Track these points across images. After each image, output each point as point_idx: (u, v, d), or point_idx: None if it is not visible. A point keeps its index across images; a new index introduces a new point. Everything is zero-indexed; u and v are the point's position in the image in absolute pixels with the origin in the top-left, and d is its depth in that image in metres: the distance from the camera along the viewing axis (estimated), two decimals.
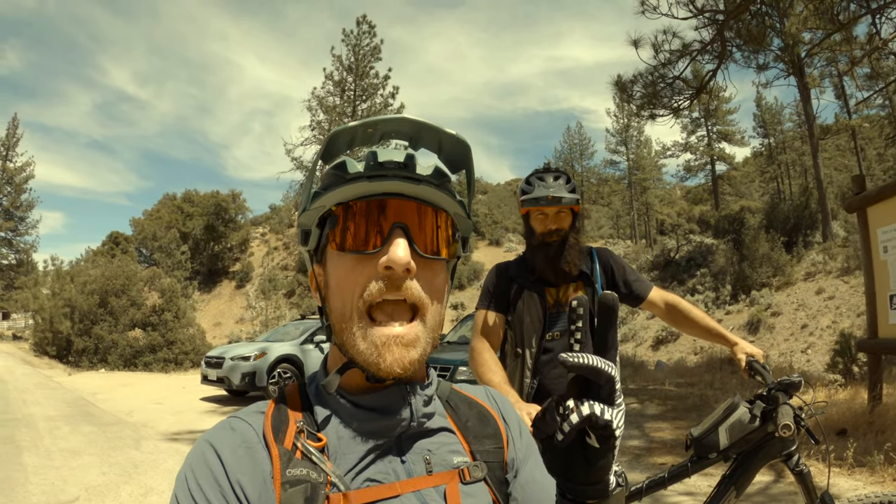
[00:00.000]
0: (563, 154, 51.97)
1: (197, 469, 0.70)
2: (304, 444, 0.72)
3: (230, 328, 29.61)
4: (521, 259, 2.48)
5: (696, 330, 2.41)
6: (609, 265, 2.47)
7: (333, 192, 0.77)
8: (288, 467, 0.69)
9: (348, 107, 30.10)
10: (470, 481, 0.77)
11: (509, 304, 2.39)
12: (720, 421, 2.01)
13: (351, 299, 0.75)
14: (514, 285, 2.40)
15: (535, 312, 2.34)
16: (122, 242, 37.51)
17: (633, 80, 12.81)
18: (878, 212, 5.82)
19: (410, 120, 0.78)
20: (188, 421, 9.02)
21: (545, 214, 2.33)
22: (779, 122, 41.58)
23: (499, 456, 0.84)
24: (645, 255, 28.54)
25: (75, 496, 5.04)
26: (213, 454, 0.70)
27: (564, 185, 2.30)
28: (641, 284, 2.49)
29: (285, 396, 0.80)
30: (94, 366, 18.32)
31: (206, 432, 0.74)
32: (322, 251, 0.81)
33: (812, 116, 22.55)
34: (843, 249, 18.86)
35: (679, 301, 2.46)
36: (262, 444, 0.72)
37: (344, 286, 0.76)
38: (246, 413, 0.77)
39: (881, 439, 5.14)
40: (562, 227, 2.32)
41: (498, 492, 0.81)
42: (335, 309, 0.78)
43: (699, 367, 13.02)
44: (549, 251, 2.32)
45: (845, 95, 29.48)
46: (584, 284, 2.41)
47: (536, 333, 2.33)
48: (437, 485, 0.75)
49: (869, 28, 9.00)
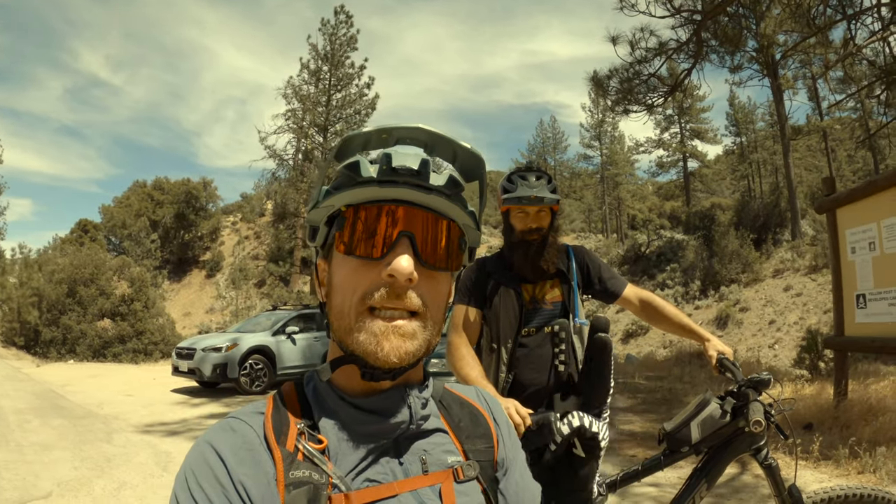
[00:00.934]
0: (536, 148, 52.21)
1: (198, 469, 0.70)
2: (305, 446, 0.73)
3: (200, 318, 29.26)
4: (499, 255, 2.51)
5: (670, 326, 2.48)
6: (585, 263, 2.52)
7: (344, 193, 0.77)
8: (291, 469, 0.70)
9: (323, 96, 29.83)
10: (463, 480, 0.80)
11: (486, 300, 2.42)
12: (692, 416, 2.05)
13: (351, 299, 0.76)
14: (491, 281, 2.42)
15: (511, 308, 2.37)
16: (91, 230, 36.64)
17: (608, 75, 12.90)
18: (847, 214, 5.97)
19: (426, 130, 0.79)
20: (159, 413, 8.92)
21: (526, 213, 2.35)
22: (751, 122, 42.21)
23: (489, 455, 0.87)
24: (616, 250, 28.83)
25: (48, 491, 4.95)
26: (213, 455, 0.70)
27: (546, 185, 2.34)
28: (616, 282, 2.54)
29: (283, 397, 0.80)
30: (63, 357, 17.95)
31: (205, 433, 0.75)
32: (329, 248, 0.82)
33: (784, 117, 22.98)
34: (811, 248, 19.28)
35: (653, 298, 2.53)
36: (263, 446, 0.72)
37: (346, 287, 0.77)
38: (245, 414, 0.77)
39: (846, 434, 5.28)
40: (542, 226, 2.36)
41: (489, 489, 0.83)
42: (335, 306, 0.78)
43: (668, 361, 13.20)
44: (529, 249, 2.36)
45: (818, 97, 30.06)
46: (560, 282, 2.44)
47: (512, 329, 2.36)
48: (433, 484, 0.77)
49: (844, 33, 9.18)
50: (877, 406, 5.72)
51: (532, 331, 2.38)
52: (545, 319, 2.39)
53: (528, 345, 2.37)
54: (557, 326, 1.87)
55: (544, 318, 2.40)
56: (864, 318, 5.68)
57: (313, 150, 29.62)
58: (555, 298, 2.42)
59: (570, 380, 2.31)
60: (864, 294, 5.66)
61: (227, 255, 37.36)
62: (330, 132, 29.64)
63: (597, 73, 13.10)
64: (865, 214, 5.65)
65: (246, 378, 11.22)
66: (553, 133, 52.26)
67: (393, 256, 0.74)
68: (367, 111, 29.89)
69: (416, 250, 0.76)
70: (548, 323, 2.39)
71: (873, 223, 5.52)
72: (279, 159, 29.15)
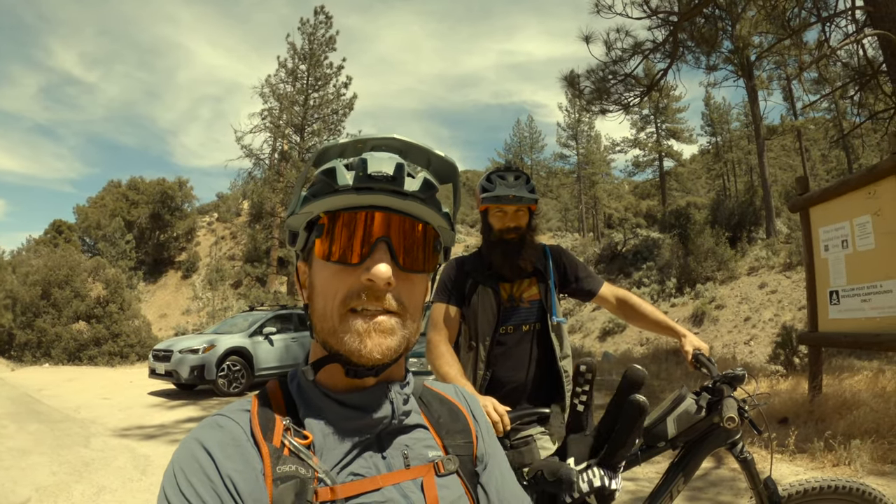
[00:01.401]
0: (512, 147, 52.43)
1: (186, 466, 0.71)
2: (291, 442, 0.75)
3: (176, 320, 28.89)
4: (478, 254, 2.53)
5: (646, 323, 2.51)
6: (562, 262, 2.56)
7: (321, 200, 0.79)
8: (278, 464, 0.71)
9: (300, 95, 29.63)
10: (444, 474, 0.83)
11: (465, 298, 2.45)
12: (668, 412, 2.07)
13: (333, 303, 0.79)
14: (470, 280, 2.45)
15: (489, 307, 2.40)
16: (66, 231, 35.99)
17: (584, 75, 12.98)
18: (819, 212, 6.09)
19: (400, 140, 0.82)
20: (137, 416, 8.81)
21: (504, 212, 2.38)
22: (726, 122, 42.79)
23: (469, 450, 0.90)
24: (592, 248, 28.94)
25: (26, 497, 4.88)
26: (202, 451, 0.72)
27: (524, 184, 2.37)
28: (593, 280, 2.58)
29: (268, 394, 0.83)
30: (38, 360, 17.66)
31: (193, 431, 0.76)
32: (308, 252, 0.84)
33: (759, 117, 23.30)
34: (785, 246, 19.56)
35: (629, 296, 2.57)
36: (250, 442, 0.74)
37: (327, 291, 0.80)
38: (231, 411, 0.79)
39: (821, 427, 5.37)
40: (520, 225, 2.39)
41: (469, 483, 0.87)
42: (318, 309, 0.81)
43: (645, 359, 13.31)
44: (507, 248, 2.38)
45: (792, 97, 30.55)
46: (537, 280, 2.48)
47: (490, 327, 2.39)
48: (415, 477, 0.80)
49: (819, 35, 9.34)
50: (851, 400, 5.83)
51: (510, 329, 2.42)
52: (522, 318, 2.43)
53: (506, 343, 2.41)
54: (584, 367, 1.87)
55: (521, 317, 2.43)
56: (837, 314, 5.80)
57: (290, 149, 29.38)
58: (532, 297, 2.45)
59: (581, 417, 2.29)
60: (838, 290, 5.78)
61: (203, 255, 36.92)
62: (307, 131, 29.42)
63: (571, 72, 13.15)
64: (838, 213, 5.77)
65: (223, 380, 11.14)
66: (530, 132, 52.54)
67: (371, 262, 0.77)
68: (344, 111, 29.70)
69: (393, 254, 0.79)
70: (525, 321, 2.42)
71: (846, 221, 5.64)
72: (255, 159, 28.88)
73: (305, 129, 29.50)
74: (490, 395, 2.32)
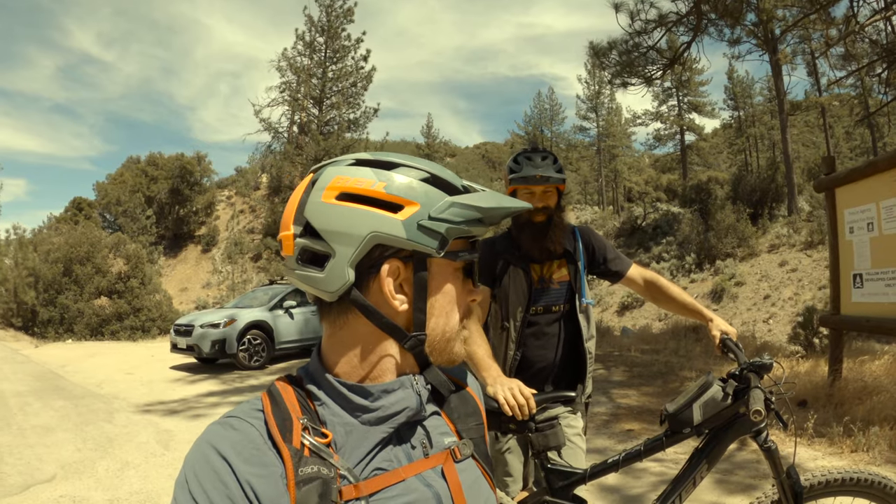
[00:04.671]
0: (532, 119, 51.91)
1: (200, 471, 0.70)
2: (311, 441, 0.73)
3: (197, 293, 29.24)
4: (507, 234, 2.54)
5: (673, 306, 2.52)
6: (590, 244, 2.57)
7: (480, 228, 0.84)
8: (300, 466, 0.70)
9: (318, 68, 29.49)
10: (461, 459, 0.84)
11: (495, 279, 2.46)
12: (694, 398, 2.07)
13: (455, 321, 0.85)
14: (500, 260, 2.46)
15: (520, 288, 2.42)
16: (86, 208, 36.36)
17: (608, 47, 12.77)
18: (845, 193, 5.96)
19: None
20: (159, 391, 8.97)
21: (532, 193, 2.38)
22: (749, 96, 42.00)
23: (480, 431, 0.91)
24: (612, 222, 28.79)
25: (52, 474, 5.00)
26: (216, 455, 0.71)
27: (552, 164, 2.36)
28: (621, 262, 2.59)
29: (280, 393, 0.80)
30: (61, 336, 17.99)
31: (204, 433, 0.75)
32: (424, 260, 0.81)
33: (782, 92, 22.82)
34: (807, 224, 19.30)
35: (657, 278, 2.57)
36: (268, 444, 0.73)
37: (450, 310, 0.85)
38: (243, 412, 0.77)
39: (840, 412, 5.34)
40: (548, 206, 2.39)
41: (484, 464, 0.88)
42: (438, 326, 0.83)
43: (664, 334, 13.24)
44: (536, 229, 2.39)
45: (817, 73, 29.85)
46: (567, 262, 2.49)
47: (522, 308, 2.41)
48: (435, 465, 0.81)
49: (846, 10, 9.07)
50: (871, 385, 5.77)
51: (540, 310, 2.45)
52: (552, 299, 2.45)
53: (537, 323, 2.45)
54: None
55: (552, 298, 2.45)
56: (860, 297, 5.70)
57: (308, 122, 29.35)
58: (562, 278, 2.47)
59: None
60: (861, 274, 5.68)
61: (223, 229, 37.19)
62: (325, 104, 29.36)
63: (597, 44, 12.98)
64: (865, 195, 5.64)
65: (244, 353, 11.27)
66: (550, 105, 51.93)
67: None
68: (363, 84, 29.56)
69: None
70: (555, 302, 2.45)
71: (872, 203, 5.51)
72: (274, 132, 28.90)
73: (324, 101, 29.43)
74: (519, 374, 2.39)
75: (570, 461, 2.29)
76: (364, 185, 0.78)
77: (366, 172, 0.79)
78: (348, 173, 0.80)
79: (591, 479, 2.15)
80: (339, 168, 0.81)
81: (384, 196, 0.77)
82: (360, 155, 0.83)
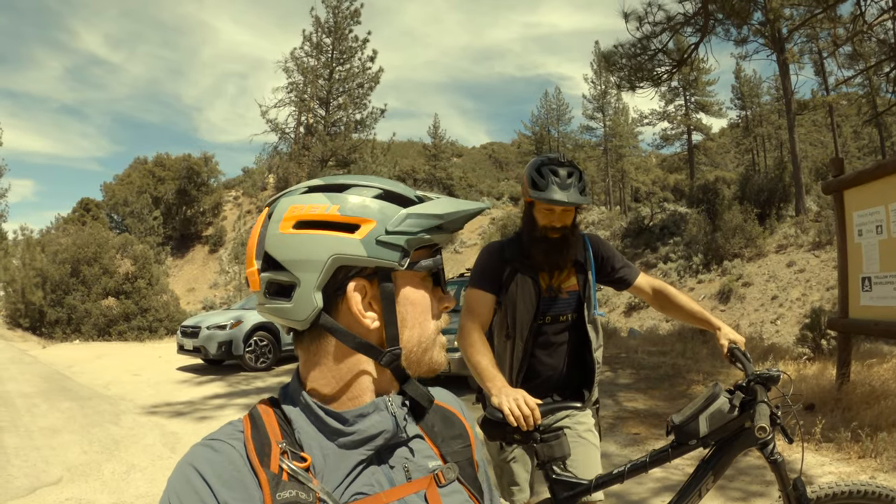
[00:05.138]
0: (539, 119, 51.85)
1: (182, 493, 0.70)
2: (290, 465, 0.73)
3: (204, 294, 29.37)
4: (516, 241, 2.48)
5: (682, 314, 2.51)
6: (600, 253, 2.53)
7: (443, 235, 0.83)
8: (277, 490, 0.70)
9: (325, 69, 29.51)
10: (445, 483, 0.82)
11: (501, 286, 2.42)
12: (701, 409, 2.05)
13: (430, 330, 0.84)
14: (508, 267, 2.41)
15: (528, 297, 2.38)
16: (93, 209, 36.56)
17: (616, 52, 12.74)
18: (854, 195, 5.91)
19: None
20: (165, 393, 8.99)
21: (552, 211, 2.31)
22: (757, 96, 41.81)
23: (467, 454, 0.90)
24: (619, 222, 28.66)
25: (58, 477, 5.02)
26: (197, 477, 0.70)
27: (577, 183, 2.27)
28: (629, 270, 2.57)
29: (260, 416, 0.80)
30: (68, 337, 18.07)
31: (186, 455, 0.75)
32: (388, 274, 0.81)
33: (790, 91, 22.68)
34: (814, 224, 19.18)
35: (665, 286, 2.55)
36: (248, 468, 0.72)
37: (423, 319, 0.84)
38: (225, 434, 0.77)
39: (848, 416, 5.29)
40: (565, 224, 2.33)
41: (472, 488, 0.86)
42: (412, 338, 0.83)
43: (671, 336, 13.17)
44: (550, 245, 2.34)
45: (824, 72, 29.66)
46: (576, 271, 2.45)
47: (530, 317, 2.38)
48: (418, 490, 0.79)
49: (853, 9, 8.99)
50: (879, 389, 5.72)
51: (548, 319, 2.41)
52: (561, 309, 2.42)
53: (545, 333, 2.41)
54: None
55: (560, 308, 2.42)
56: (868, 301, 5.66)
57: (315, 123, 29.38)
58: (571, 288, 2.44)
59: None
60: (870, 277, 5.63)
61: (230, 229, 37.35)
62: (332, 105, 29.37)
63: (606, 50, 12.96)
64: (873, 197, 5.59)
65: (251, 355, 11.30)
66: (557, 104, 51.84)
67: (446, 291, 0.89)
68: (370, 84, 29.54)
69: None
70: (563, 312, 2.42)
71: (881, 206, 5.47)
72: (281, 133, 28.93)
73: (330, 102, 29.42)
74: (526, 383, 2.35)
75: (583, 459, 2.29)
76: (318, 210, 0.78)
77: (319, 198, 0.79)
78: (302, 201, 0.80)
79: (595, 490, 2.13)
80: (292, 198, 0.81)
81: (339, 218, 0.77)
82: (311, 182, 0.84)
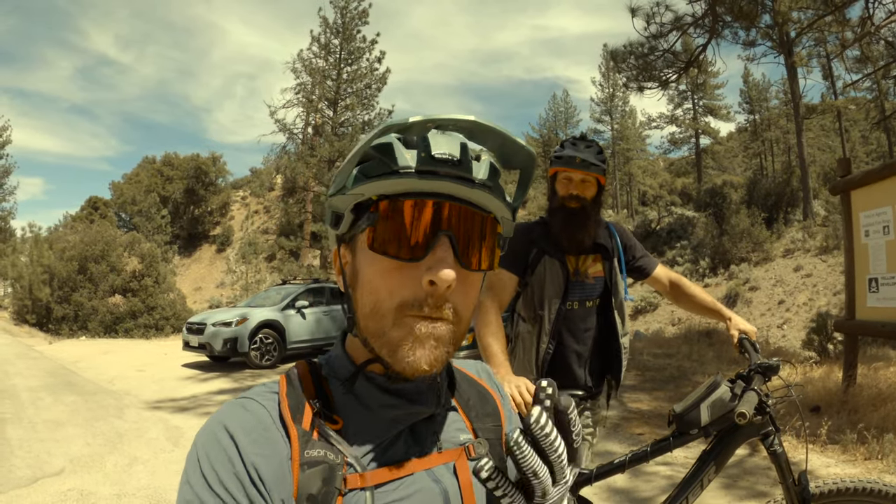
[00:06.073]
0: (547, 122, 51.76)
1: (210, 450, 0.68)
2: (321, 426, 0.72)
3: (210, 293, 29.46)
4: (543, 222, 2.50)
5: (695, 306, 2.55)
6: (624, 241, 2.58)
7: (378, 182, 0.70)
8: (306, 448, 0.68)
9: (333, 70, 29.60)
10: (475, 458, 0.79)
11: (527, 267, 2.42)
12: (702, 398, 2.04)
13: (388, 304, 0.71)
14: (535, 248, 2.42)
15: (556, 279, 2.39)
16: (102, 207, 36.78)
17: (624, 51, 12.73)
18: (861, 196, 5.88)
19: (475, 122, 0.72)
20: (170, 388, 9.01)
21: (570, 179, 2.36)
22: (765, 99, 41.61)
23: (498, 433, 0.86)
24: (626, 225, 28.62)
25: (60, 468, 5.03)
26: (225, 435, 0.69)
27: (595, 153, 2.35)
28: (648, 260, 2.63)
29: (298, 377, 0.78)
30: (75, 333, 18.15)
31: (217, 412, 0.73)
32: (352, 238, 0.76)
33: (798, 95, 22.57)
34: (822, 228, 19.10)
35: (681, 279, 2.61)
36: (277, 426, 0.71)
37: (380, 288, 0.71)
38: (257, 393, 0.76)
39: (854, 418, 5.26)
40: (584, 195, 2.36)
41: (500, 467, 0.83)
42: (366, 305, 0.73)
43: (677, 339, 13.14)
44: (567, 214, 2.36)
45: (832, 76, 29.52)
46: (601, 257, 2.47)
47: (557, 300, 2.39)
48: (447, 461, 0.77)
49: (862, 11, 8.95)
50: (886, 392, 5.68)
51: (575, 304, 2.43)
52: (587, 293, 2.44)
53: (571, 317, 2.43)
54: (564, 405, 1.96)
55: (586, 293, 2.44)
56: (875, 302, 5.62)
57: (323, 123, 29.48)
58: (597, 273, 2.46)
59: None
60: (877, 278, 5.60)
61: (237, 229, 37.51)
62: (340, 106, 29.45)
63: (614, 48, 12.95)
64: (880, 197, 5.57)
65: (256, 352, 11.32)
66: (565, 107, 51.78)
67: (433, 260, 0.68)
68: (378, 85, 29.64)
69: (455, 251, 0.70)
70: (589, 297, 2.44)
71: (888, 206, 5.44)
72: (288, 133, 29.03)
73: (338, 103, 29.52)
74: (552, 367, 2.39)
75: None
76: None
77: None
78: None
79: (597, 480, 2.13)
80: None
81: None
82: None
